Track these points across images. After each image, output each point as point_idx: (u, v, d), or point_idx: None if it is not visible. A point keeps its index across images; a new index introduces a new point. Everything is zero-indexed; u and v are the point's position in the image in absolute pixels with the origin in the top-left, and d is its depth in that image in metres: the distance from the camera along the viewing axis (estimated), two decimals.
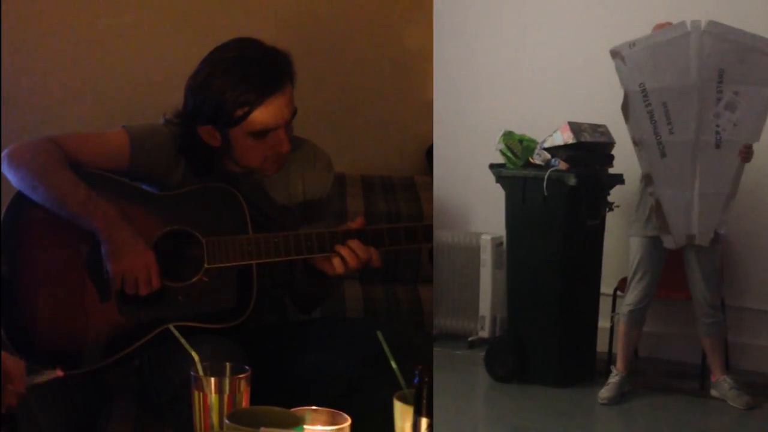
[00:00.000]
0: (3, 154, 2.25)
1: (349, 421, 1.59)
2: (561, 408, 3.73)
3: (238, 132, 2.27)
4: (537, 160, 3.93)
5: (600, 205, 3.97)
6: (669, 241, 3.66)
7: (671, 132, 3.54)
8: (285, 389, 2.19)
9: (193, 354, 1.73)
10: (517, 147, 3.96)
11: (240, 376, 1.69)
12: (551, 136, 3.91)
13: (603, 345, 4.07)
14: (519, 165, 3.97)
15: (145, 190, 2.35)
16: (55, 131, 2.35)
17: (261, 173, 2.40)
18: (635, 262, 3.75)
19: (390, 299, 3.33)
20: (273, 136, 2.28)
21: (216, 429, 1.65)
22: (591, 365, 4.05)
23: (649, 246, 3.72)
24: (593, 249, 4.04)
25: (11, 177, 2.24)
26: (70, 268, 2.23)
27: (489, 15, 4.74)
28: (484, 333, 4.45)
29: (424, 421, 1.48)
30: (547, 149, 3.91)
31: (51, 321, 2.21)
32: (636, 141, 3.59)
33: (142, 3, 3.38)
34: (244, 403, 1.69)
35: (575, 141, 3.84)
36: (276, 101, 2.25)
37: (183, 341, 1.79)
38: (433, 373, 1.52)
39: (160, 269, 2.21)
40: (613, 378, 3.81)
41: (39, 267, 2.23)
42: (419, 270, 3.42)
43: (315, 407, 1.62)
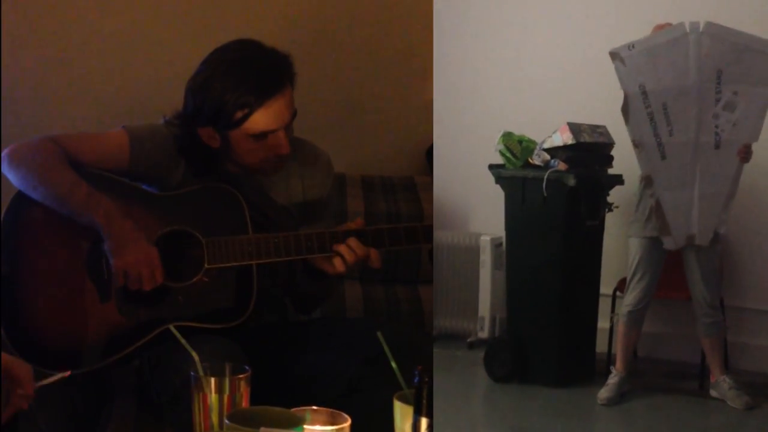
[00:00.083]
0: (3, 154, 2.25)
1: (349, 422, 1.59)
2: (560, 408, 3.72)
3: (238, 134, 2.27)
4: (536, 160, 3.93)
5: (599, 206, 3.97)
6: (669, 242, 3.66)
7: (671, 133, 3.54)
8: (285, 389, 2.19)
9: (193, 354, 1.73)
10: (517, 147, 3.96)
11: (240, 376, 1.69)
12: (551, 136, 3.91)
13: (602, 345, 4.07)
14: (518, 165, 3.97)
15: (145, 190, 2.35)
16: (55, 131, 2.35)
17: (261, 174, 2.40)
18: (634, 262, 3.75)
19: (390, 299, 3.32)
20: (273, 137, 2.28)
21: (216, 429, 1.66)
22: (590, 366, 4.04)
23: (649, 246, 3.72)
24: (593, 249, 4.04)
25: (11, 177, 2.24)
26: (70, 268, 2.23)
27: (489, 15, 4.74)
28: (483, 333, 4.45)
29: (424, 422, 1.48)
30: (547, 150, 3.91)
31: (51, 321, 2.21)
32: (636, 143, 3.59)
33: (142, 3, 3.37)
34: (244, 404, 1.69)
35: (575, 141, 3.84)
36: (276, 103, 2.26)
37: (183, 341, 1.79)
38: (433, 374, 1.52)
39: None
40: (613, 378, 3.81)
41: (39, 267, 2.23)
42: (419, 270, 3.42)
43: (315, 407, 1.62)
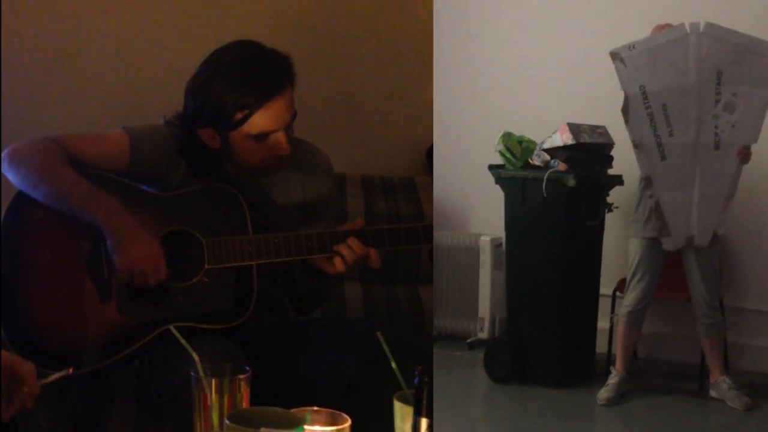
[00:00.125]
0: (3, 154, 2.25)
1: (349, 422, 1.59)
2: (560, 409, 3.72)
3: (238, 134, 2.27)
4: (536, 161, 3.93)
5: (599, 206, 3.97)
6: (668, 243, 3.66)
7: (671, 134, 3.54)
8: (285, 390, 2.19)
9: (194, 354, 1.73)
10: (517, 148, 3.96)
11: (240, 376, 1.69)
12: (550, 137, 3.91)
13: (602, 346, 4.07)
14: (518, 166, 3.97)
15: (146, 190, 2.35)
16: (55, 131, 2.35)
17: (261, 175, 2.40)
18: (634, 263, 3.75)
19: (390, 300, 3.32)
20: (273, 138, 2.28)
21: (216, 429, 1.65)
22: (590, 366, 4.05)
23: (648, 247, 3.72)
24: (592, 250, 4.04)
25: (12, 176, 2.24)
26: (70, 268, 2.23)
27: (489, 15, 4.74)
28: (483, 334, 4.45)
29: (424, 422, 1.48)
30: (547, 150, 3.91)
31: (51, 321, 2.21)
32: (636, 143, 3.59)
33: (142, 3, 3.37)
34: (244, 404, 1.69)
35: (574, 142, 3.84)
36: (276, 104, 2.25)
37: (183, 342, 1.79)
38: (433, 374, 1.52)
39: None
40: (613, 379, 3.81)
41: (39, 267, 2.23)
42: (419, 270, 3.42)
43: (315, 408, 1.62)
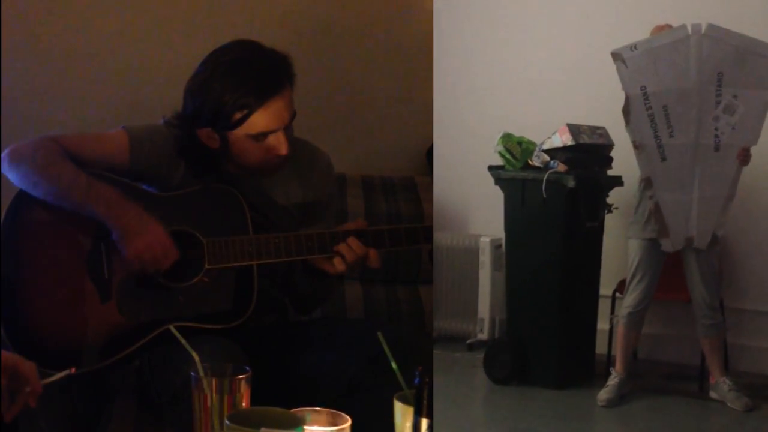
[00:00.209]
0: (3, 154, 2.25)
1: (350, 422, 1.59)
2: (560, 410, 3.72)
3: (237, 134, 2.27)
4: (536, 162, 3.93)
5: (599, 207, 3.97)
6: (667, 244, 3.66)
7: (671, 135, 3.54)
8: (285, 390, 2.19)
9: (194, 354, 1.72)
10: (516, 149, 3.96)
11: (240, 376, 1.69)
12: (550, 138, 3.91)
13: (602, 347, 4.07)
14: (518, 167, 3.97)
15: (146, 190, 2.35)
16: (55, 131, 2.34)
17: (261, 175, 2.40)
18: (634, 264, 3.75)
19: (390, 300, 3.32)
20: (272, 138, 2.28)
21: (216, 430, 1.65)
22: (590, 367, 4.04)
23: (648, 248, 3.72)
24: (592, 251, 4.04)
25: (12, 175, 2.23)
26: (70, 268, 2.23)
27: (489, 15, 4.74)
28: (483, 335, 4.45)
29: (424, 422, 1.48)
30: (546, 151, 3.91)
31: (51, 321, 2.21)
32: (636, 144, 3.59)
33: (142, 3, 3.37)
34: (244, 404, 1.69)
35: (574, 143, 3.84)
36: (275, 104, 2.25)
37: (183, 342, 1.79)
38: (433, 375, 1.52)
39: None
40: (612, 380, 3.81)
41: (39, 267, 2.23)
42: (420, 270, 3.42)
43: (315, 408, 1.62)
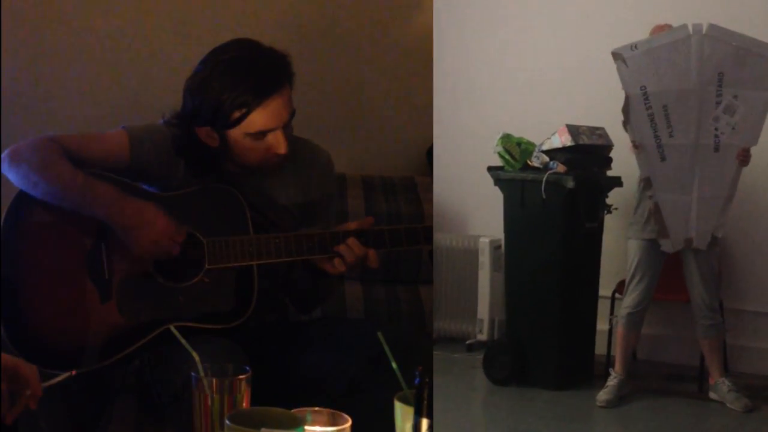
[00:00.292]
0: (3, 155, 2.24)
1: (350, 422, 1.59)
2: (559, 411, 3.72)
3: (236, 133, 2.27)
4: (535, 162, 3.93)
5: (598, 208, 3.97)
6: (666, 245, 3.66)
7: (671, 135, 3.54)
8: (286, 390, 2.19)
9: (194, 355, 1.73)
10: (515, 150, 3.96)
11: (240, 376, 1.69)
12: (549, 138, 3.91)
13: (601, 347, 4.06)
14: (517, 168, 3.97)
15: (146, 190, 2.34)
16: (55, 131, 2.34)
17: (260, 174, 2.40)
18: (633, 264, 3.75)
19: (391, 300, 3.32)
20: (271, 137, 2.28)
21: (216, 430, 1.65)
22: (589, 368, 4.04)
23: (648, 249, 3.72)
24: (591, 252, 4.03)
25: (12, 176, 2.23)
26: (70, 268, 2.23)
27: (489, 15, 4.74)
28: (482, 336, 4.45)
29: (424, 422, 1.48)
30: (545, 152, 3.91)
31: (51, 321, 2.21)
32: (636, 144, 3.59)
33: (141, 3, 3.37)
34: (244, 404, 1.69)
35: (573, 144, 3.84)
36: (274, 102, 2.25)
37: (183, 342, 1.79)
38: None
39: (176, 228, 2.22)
40: (612, 381, 3.81)
41: (39, 268, 2.23)
42: (420, 270, 3.42)
43: (316, 408, 1.62)
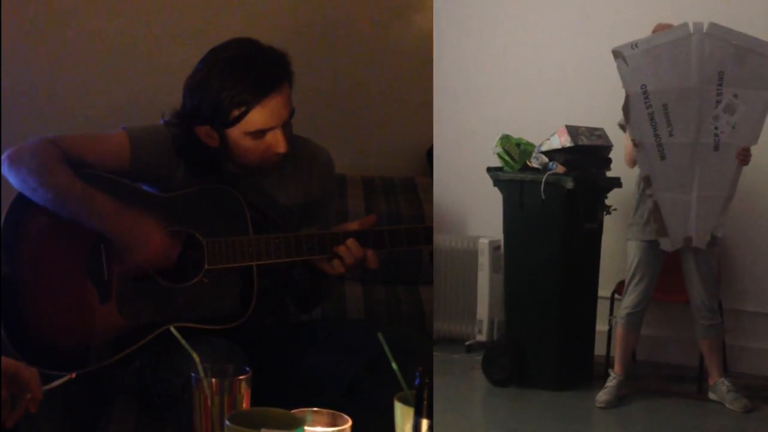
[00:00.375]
0: (3, 156, 2.24)
1: (350, 423, 1.59)
2: (559, 412, 3.72)
3: (235, 132, 2.27)
4: (534, 163, 3.93)
5: (597, 209, 3.97)
6: (666, 243, 3.65)
7: (671, 134, 3.54)
8: (286, 390, 2.19)
9: (194, 355, 1.72)
10: (515, 150, 3.96)
11: (240, 377, 1.69)
12: (548, 139, 3.91)
13: (601, 348, 4.07)
14: (516, 168, 3.97)
15: (146, 191, 2.35)
16: (56, 131, 2.34)
17: (260, 173, 2.40)
18: (633, 265, 3.75)
19: (391, 300, 3.31)
20: (271, 135, 2.28)
21: (216, 430, 1.65)
22: (589, 369, 4.04)
23: (647, 249, 3.72)
24: (591, 252, 4.03)
25: (11, 179, 2.23)
26: (70, 269, 2.23)
27: (489, 15, 4.74)
28: (481, 337, 4.45)
29: (424, 423, 1.48)
30: (545, 152, 3.91)
31: (51, 322, 2.20)
32: (636, 142, 3.59)
33: (141, 3, 3.37)
34: (244, 405, 1.69)
35: (572, 144, 3.84)
36: (273, 101, 2.25)
37: (183, 342, 1.79)
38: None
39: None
40: (611, 381, 3.81)
41: (40, 269, 2.23)
42: (420, 271, 3.41)
43: (316, 408, 1.62)
